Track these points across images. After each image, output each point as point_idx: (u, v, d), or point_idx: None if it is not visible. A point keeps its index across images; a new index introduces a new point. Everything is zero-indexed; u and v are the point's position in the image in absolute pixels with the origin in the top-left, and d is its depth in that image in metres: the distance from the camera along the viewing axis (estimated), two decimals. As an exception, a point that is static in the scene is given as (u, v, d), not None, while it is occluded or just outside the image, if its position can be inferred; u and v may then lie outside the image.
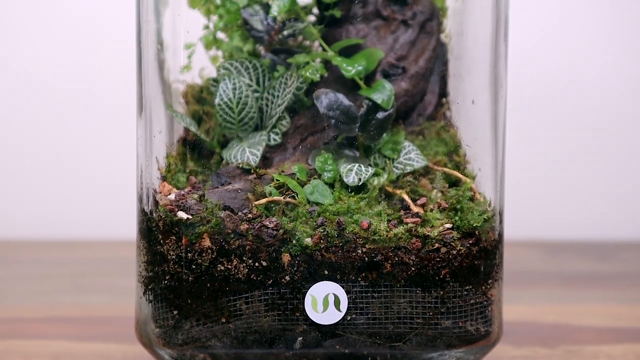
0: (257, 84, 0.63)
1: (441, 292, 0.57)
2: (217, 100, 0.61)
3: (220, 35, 0.65)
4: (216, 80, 0.63)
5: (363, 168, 0.58)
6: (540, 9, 1.09)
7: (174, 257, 0.56)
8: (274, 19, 0.62)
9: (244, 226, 0.55)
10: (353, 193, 0.58)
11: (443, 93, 0.66)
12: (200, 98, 0.66)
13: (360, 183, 0.57)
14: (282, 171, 0.59)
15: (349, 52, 0.62)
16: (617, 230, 1.11)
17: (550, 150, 1.12)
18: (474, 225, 0.57)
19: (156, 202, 0.57)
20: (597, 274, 0.95)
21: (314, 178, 0.58)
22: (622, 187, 1.12)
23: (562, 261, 1.01)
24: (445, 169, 0.60)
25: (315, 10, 0.66)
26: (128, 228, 0.82)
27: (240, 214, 0.56)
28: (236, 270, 0.56)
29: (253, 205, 0.56)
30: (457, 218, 0.57)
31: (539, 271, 0.96)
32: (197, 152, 0.62)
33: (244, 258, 0.55)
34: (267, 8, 0.63)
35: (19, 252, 1.02)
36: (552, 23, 1.10)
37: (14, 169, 1.09)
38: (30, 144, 1.09)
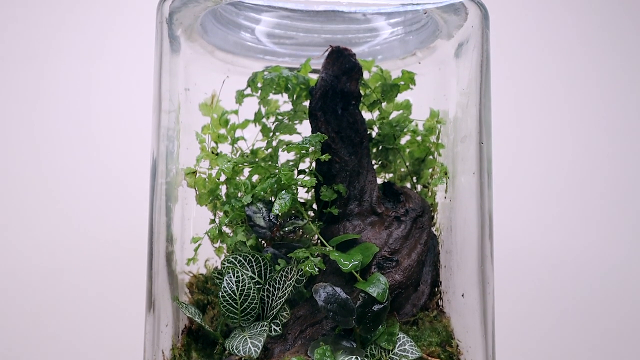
0: (259, 276, 0.66)
1: None
2: (220, 293, 0.64)
3: (225, 229, 0.69)
4: (220, 273, 0.66)
5: (360, 360, 0.60)
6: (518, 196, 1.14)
7: None
8: (276, 216, 0.66)
9: (245, 420, 0.57)
10: (350, 385, 0.60)
11: (435, 282, 0.69)
12: (204, 288, 0.69)
13: (357, 376, 0.60)
14: (283, 363, 0.61)
15: (346, 246, 0.66)
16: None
17: (546, 327, 1.13)
18: (468, 418, 0.59)
19: (161, 397, 0.59)
20: None
21: (313, 370, 0.60)
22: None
23: None
24: (439, 360, 0.63)
25: (315, 206, 0.70)
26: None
27: (241, 407, 0.58)
28: None
29: (254, 398, 0.58)
30: (451, 410, 0.59)
31: None
32: (200, 342, 0.65)
33: None
34: (269, 206, 0.67)
35: None
36: (534, 208, 1.14)
37: (21, 334, 1.09)
38: (37, 336, 1.10)
